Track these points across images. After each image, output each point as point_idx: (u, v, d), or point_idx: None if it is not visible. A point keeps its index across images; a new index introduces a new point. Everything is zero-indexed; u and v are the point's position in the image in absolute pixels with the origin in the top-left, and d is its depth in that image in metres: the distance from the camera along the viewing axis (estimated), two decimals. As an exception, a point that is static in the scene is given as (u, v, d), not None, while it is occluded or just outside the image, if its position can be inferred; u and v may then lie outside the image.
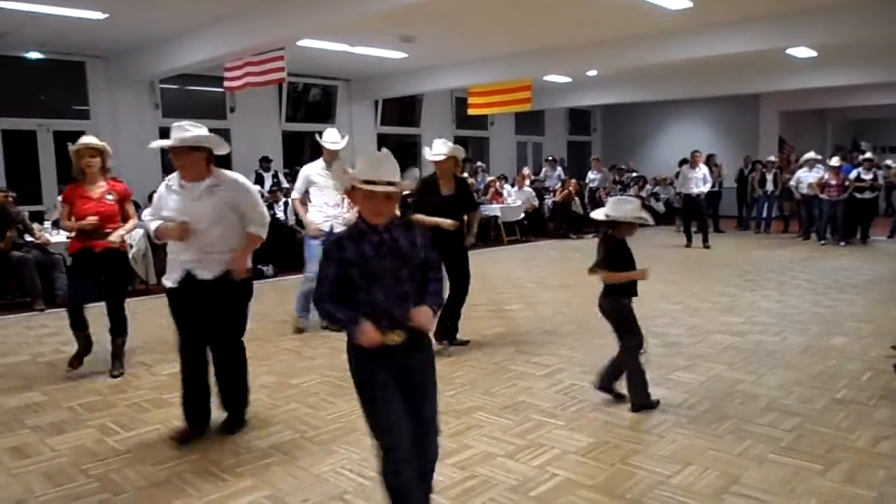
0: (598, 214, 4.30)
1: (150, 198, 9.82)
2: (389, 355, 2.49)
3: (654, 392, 4.48)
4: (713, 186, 14.30)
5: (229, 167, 13.39)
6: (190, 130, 3.71)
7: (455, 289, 5.67)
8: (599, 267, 4.21)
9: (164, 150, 3.88)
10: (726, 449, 3.58)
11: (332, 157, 6.34)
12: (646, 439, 3.72)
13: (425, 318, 2.52)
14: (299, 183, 6.44)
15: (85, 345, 5.16)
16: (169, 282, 3.86)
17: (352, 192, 2.57)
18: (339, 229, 6.11)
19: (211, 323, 3.84)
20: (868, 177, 12.44)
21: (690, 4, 8.19)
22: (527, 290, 8.34)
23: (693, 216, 12.71)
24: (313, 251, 6.19)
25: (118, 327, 5.17)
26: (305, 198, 6.47)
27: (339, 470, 3.42)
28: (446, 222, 5.34)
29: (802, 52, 11.14)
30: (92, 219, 4.92)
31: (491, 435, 3.84)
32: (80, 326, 5.08)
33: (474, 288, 8.51)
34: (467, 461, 3.49)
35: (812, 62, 12.08)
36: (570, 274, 9.38)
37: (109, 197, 5.07)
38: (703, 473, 3.30)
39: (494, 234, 13.89)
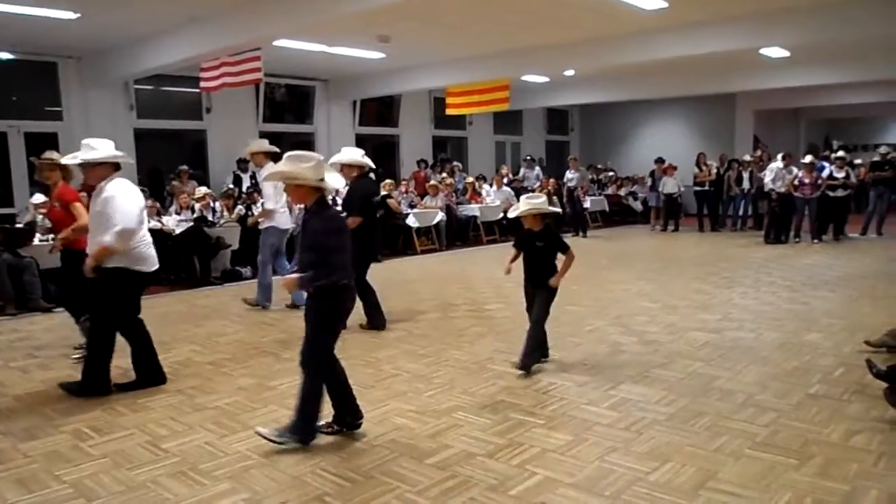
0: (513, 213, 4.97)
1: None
2: None
3: (632, 389, 4.52)
4: (704, 186, 14.54)
5: (206, 168, 13.23)
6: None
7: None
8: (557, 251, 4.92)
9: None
10: (703, 445, 3.62)
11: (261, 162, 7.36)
12: (624, 436, 3.74)
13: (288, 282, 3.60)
14: (271, 191, 7.12)
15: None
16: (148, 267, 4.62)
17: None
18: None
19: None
20: (840, 175, 12.63)
21: (665, 5, 8.27)
22: (506, 290, 8.35)
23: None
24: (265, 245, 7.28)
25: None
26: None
27: (318, 471, 3.40)
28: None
29: (776, 51, 11.31)
30: (67, 231, 5.28)
31: (470, 434, 3.84)
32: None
33: (454, 288, 8.56)
34: (447, 461, 3.49)
35: (785, 62, 12.27)
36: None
37: (55, 204, 5.47)
38: (681, 470, 3.33)
39: (473, 234, 13.92)
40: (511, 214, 4.97)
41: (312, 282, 3.50)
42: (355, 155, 6.08)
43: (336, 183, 3.73)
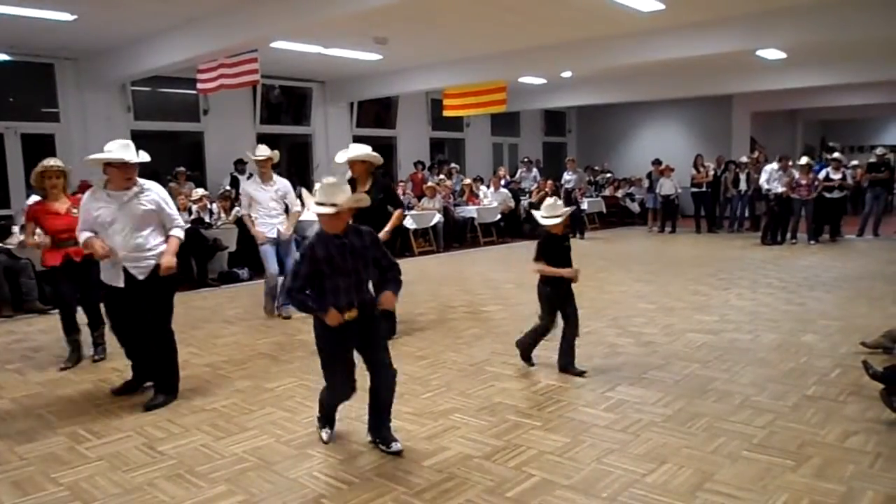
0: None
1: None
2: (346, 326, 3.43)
3: (629, 391, 4.52)
4: (701, 187, 14.57)
5: (203, 170, 13.24)
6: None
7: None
8: (536, 260, 4.92)
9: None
10: (700, 447, 3.62)
11: (264, 170, 7.00)
12: (621, 438, 3.75)
13: (389, 300, 3.60)
14: (245, 200, 7.06)
15: (79, 347, 5.55)
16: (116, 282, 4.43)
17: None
18: (284, 235, 6.98)
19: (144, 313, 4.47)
20: (837, 176, 12.66)
21: (662, 7, 8.29)
22: (503, 291, 8.37)
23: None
24: (268, 255, 6.97)
25: (97, 321, 5.54)
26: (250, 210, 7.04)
27: (314, 474, 3.40)
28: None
29: (772, 53, 11.34)
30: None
31: (468, 436, 3.84)
32: (74, 330, 5.52)
33: (452, 290, 8.56)
34: (444, 463, 3.49)
35: (782, 63, 12.30)
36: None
37: (75, 210, 5.32)
38: (678, 471, 3.33)
39: (471, 235, 13.92)
40: (551, 222, 4.78)
41: (399, 286, 3.74)
42: (367, 149, 5.78)
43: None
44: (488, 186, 15.10)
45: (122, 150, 4.40)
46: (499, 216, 14.27)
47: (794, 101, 16.31)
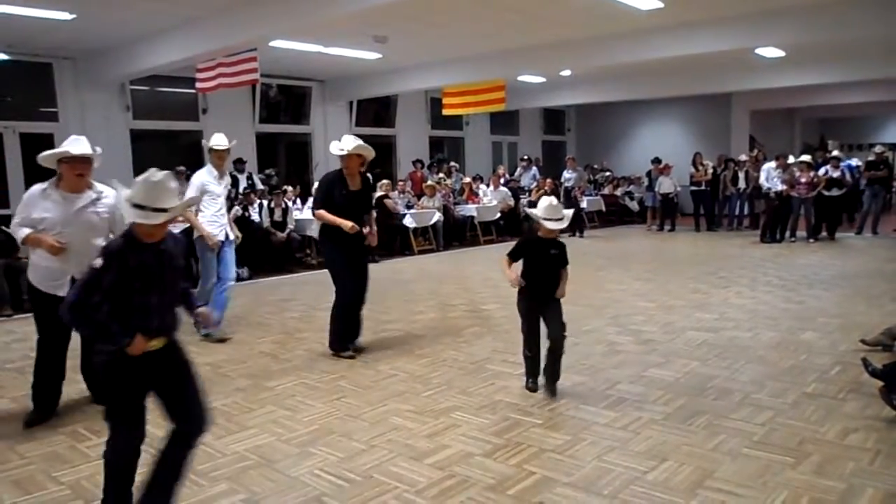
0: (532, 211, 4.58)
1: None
2: (147, 359, 2.72)
3: (629, 389, 4.53)
4: (700, 186, 14.58)
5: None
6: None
7: (359, 291, 5.48)
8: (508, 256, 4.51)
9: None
10: (700, 444, 3.63)
11: (221, 161, 6.23)
12: (621, 436, 3.75)
13: (209, 315, 3.09)
14: (196, 193, 5.98)
15: None
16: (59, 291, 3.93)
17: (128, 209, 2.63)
18: (232, 238, 6.28)
19: None
20: (836, 174, 12.66)
21: (661, 5, 8.30)
22: (503, 290, 8.34)
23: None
24: (213, 262, 6.15)
25: None
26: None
27: (316, 472, 3.41)
28: (346, 224, 5.18)
29: (771, 51, 11.34)
30: None
31: (468, 434, 3.84)
32: None
33: (452, 288, 8.57)
34: (445, 461, 3.49)
35: (781, 62, 12.30)
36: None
37: None
38: (678, 469, 3.34)
39: (471, 234, 13.93)
40: (554, 226, 4.31)
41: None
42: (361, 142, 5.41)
43: None
44: (488, 185, 15.10)
45: (71, 143, 4.03)
46: (498, 215, 14.27)
47: (793, 99, 16.31)
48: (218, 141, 6.21)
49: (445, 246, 12.90)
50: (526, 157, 17.22)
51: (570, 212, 4.53)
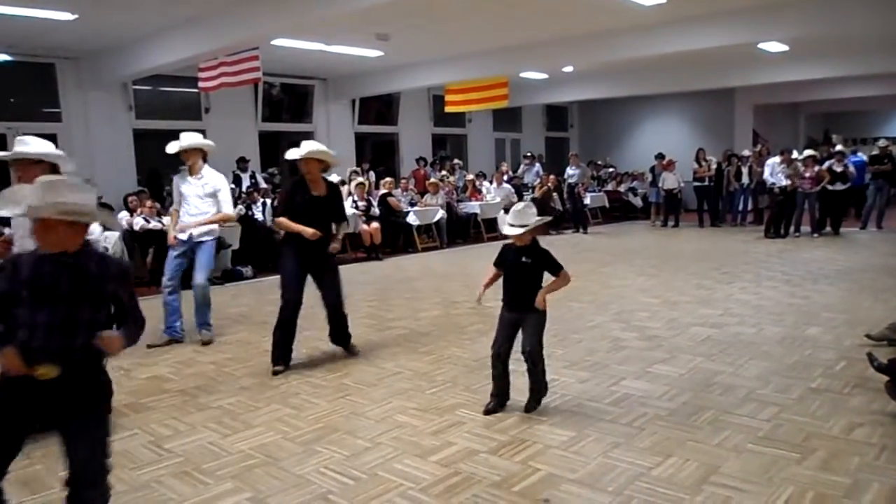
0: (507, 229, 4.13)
1: (124, 200, 9.74)
2: (33, 389, 2.32)
3: (634, 385, 4.53)
4: (704, 181, 14.55)
5: (205, 168, 12.78)
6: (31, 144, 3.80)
7: (326, 298, 5.27)
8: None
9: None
10: (705, 440, 3.62)
11: (192, 162, 5.82)
12: (626, 432, 3.75)
13: (114, 342, 2.42)
14: (175, 195, 5.96)
15: None
16: None
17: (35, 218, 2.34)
18: (207, 239, 5.91)
19: None
20: (839, 169, 12.63)
21: (664, 0, 8.27)
22: (507, 287, 8.36)
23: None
24: (169, 265, 5.95)
25: None
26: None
27: (322, 470, 3.41)
28: (307, 231, 4.97)
29: (774, 46, 11.30)
30: None
31: (473, 431, 3.84)
32: None
33: (455, 285, 8.56)
34: (450, 458, 3.49)
35: (784, 56, 12.26)
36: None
37: None
38: (684, 465, 3.33)
39: (474, 231, 13.93)
40: (512, 231, 4.06)
41: (135, 339, 2.70)
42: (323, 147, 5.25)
43: None
44: (491, 182, 15.09)
45: (18, 144, 3.87)
46: (502, 212, 14.25)
47: (797, 93, 16.24)
48: (184, 142, 5.80)
49: (449, 243, 12.90)
50: (529, 154, 17.21)
51: (528, 214, 4.03)
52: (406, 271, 9.84)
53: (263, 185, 11.86)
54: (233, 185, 11.29)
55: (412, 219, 12.27)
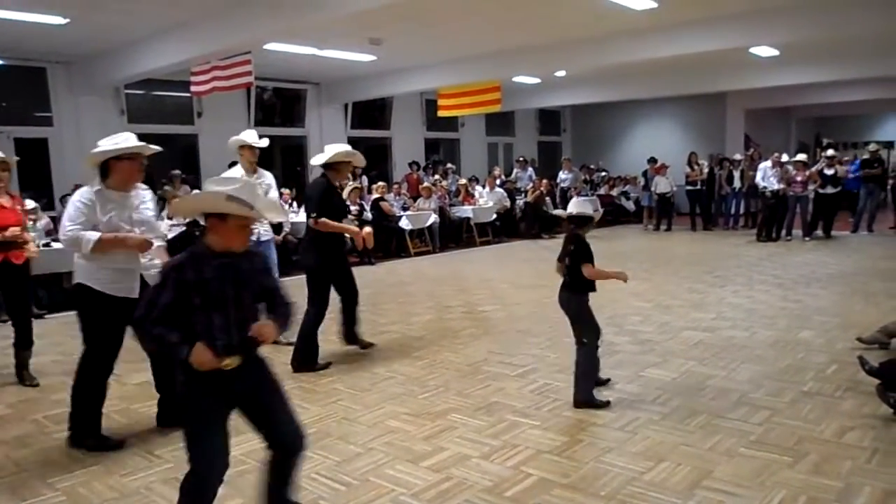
0: (562, 212, 4.43)
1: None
2: (223, 379, 2.54)
3: (626, 389, 4.53)
4: (696, 185, 14.59)
5: (198, 173, 13.18)
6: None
7: (351, 295, 5.56)
8: (579, 262, 4.14)
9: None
10: (698, 444, 3.62)
11: (254, 159, 6.03)
12: (618, 437, 3.75)
13: (268, 330, 2.59)
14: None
15: None
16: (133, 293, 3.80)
17: (211, 218, 2.51)
18: (264, 238, 5.90)
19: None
20: (830, 173, 12.69)
21: (655, 5, 8.30)
22: (500, 291, 8.37)
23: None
24: None
25: (28, 340, 5.11)
26: None
27: (313, 475, 3.39)
28: (357, 231, 5.28)
29: (765, 51, 11.36)
30: (15, 229, 4.89)
31: (465, 436, 3.83)
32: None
33: (448, 290, 8.56)
34: (442, 463, 3.48)
35: (775, 61, 12.32)
36: (542, 274, 9.41)
37: (19, 207, 5.15)
38: (676, 469, 3.33)
39: (467, 235, 13.93)
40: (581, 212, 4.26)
41: (287, 324, 2.96)
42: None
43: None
44: (484, 186, 15.10)
45: (123, 139, 3.80)
46: (494, 216, 14.27)
47: (788, 98, 16.35)
48: (251, 137, 5.98)
49: (442, 247, 12.89)
50: (521, 158, 17.23)
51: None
52: (399, 276, 9.83)
53: (256, 189, 11.82)
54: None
55: (405, 223, 12.26)
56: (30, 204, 8.49)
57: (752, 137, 17.63)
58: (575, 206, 4.27)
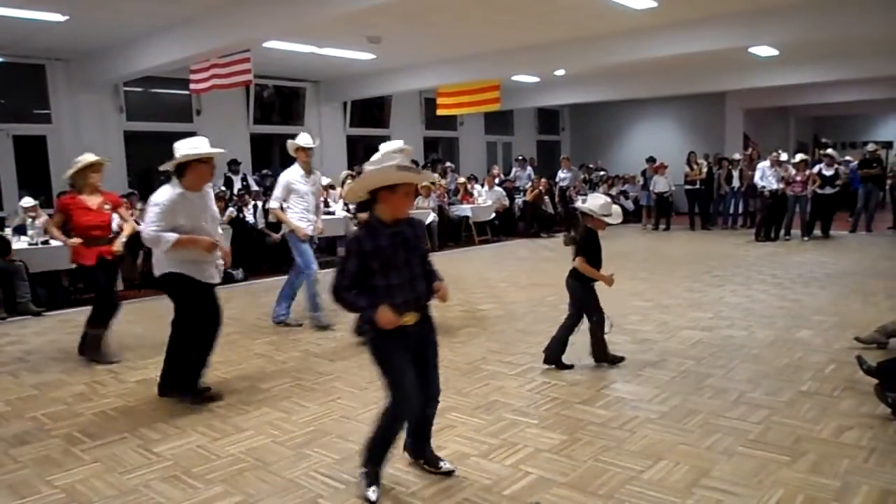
0: (580, 205, 5.02)
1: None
2: (404, 334, 2.99)
3: (625, 388, 4.53)
4: (695, 185, 14.59)
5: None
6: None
7: None
8: (577, 253, 4.89)
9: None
10: (696, 443, 3.63)
11: (308, 160, 6.40)
12: (617, 435, 3.75)
13: (446, 290, 3.23)
14: (279, 192, 6.37)
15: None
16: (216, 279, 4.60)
17: (382, 192, 2.91)
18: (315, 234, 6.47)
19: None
20: (829, 173, 12.71)
21: (655, 4, 8.30)
22: (499, 290, 8.37)
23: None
24: (309, 254, 6.39)
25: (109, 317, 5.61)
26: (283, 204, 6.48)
27: (311, 474, 3.40)
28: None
29: (765, 50, 11.37)
30: (119, 243, 5.65)
31: (464, 435, 3.84)
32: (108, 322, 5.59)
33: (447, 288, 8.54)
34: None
35: (775, 60, 12.34)
36: (541, 273, 9.43)
37: (107, 207, 5.56)
38: (674, 468, 3.34)
39: (466, 234, 13.93)
40: (616, 221, 5.18)
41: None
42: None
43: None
44: (482, 185, 15.10)
45: (200, 144, 4.54)
46: (493, 215, 14.27)
47: (787, 97, 16.36)
48: (305, 140, 6.37)
49: (440, 246, 12.88)
50: (520, 157, 17.23)
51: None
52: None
53: (255, 187, 11.83)
54: (223, 188, 11.26)
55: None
56: (28, 202, 8.49)
57: (750, 137, 17.64)
58: (596, 207, 4.87)
